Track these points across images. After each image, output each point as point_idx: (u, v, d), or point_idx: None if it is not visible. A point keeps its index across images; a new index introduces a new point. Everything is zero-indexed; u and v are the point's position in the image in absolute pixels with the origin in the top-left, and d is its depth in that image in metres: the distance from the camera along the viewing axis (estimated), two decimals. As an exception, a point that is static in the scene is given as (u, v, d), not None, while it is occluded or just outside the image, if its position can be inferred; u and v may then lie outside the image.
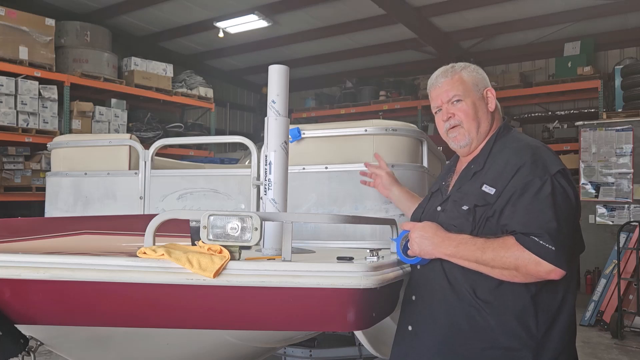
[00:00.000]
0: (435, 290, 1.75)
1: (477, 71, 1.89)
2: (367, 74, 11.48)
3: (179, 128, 9.43)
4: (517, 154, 1.71)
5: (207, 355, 1.97)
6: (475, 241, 1.63)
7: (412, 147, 2.51)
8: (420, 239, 1.72)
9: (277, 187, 1.86)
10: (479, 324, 1.66)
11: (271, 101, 1.88)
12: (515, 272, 1.57)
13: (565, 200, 1.61)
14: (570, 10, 8.34)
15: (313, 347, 3.12)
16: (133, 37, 9.88)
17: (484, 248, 1.60)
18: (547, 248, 1.53)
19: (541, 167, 1.65)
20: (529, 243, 1.55)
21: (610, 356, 5.01)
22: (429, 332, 1.76)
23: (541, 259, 1.53)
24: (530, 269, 1.55)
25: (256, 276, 1.42)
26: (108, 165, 3.00)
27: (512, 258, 1.56)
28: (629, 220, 6.48)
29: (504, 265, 1.58)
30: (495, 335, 1.64)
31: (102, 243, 1.91)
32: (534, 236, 1.55)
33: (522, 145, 1.75)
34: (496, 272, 1.61)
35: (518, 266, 1.56)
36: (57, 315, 1.52)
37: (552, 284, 1.62)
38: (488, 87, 1.88)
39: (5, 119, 6.51)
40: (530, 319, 1.63)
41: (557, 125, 8.90)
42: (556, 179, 1.63)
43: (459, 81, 1.85)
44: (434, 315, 1.75)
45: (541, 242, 1.54)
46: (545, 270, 1.54)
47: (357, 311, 1.45)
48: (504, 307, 1.64)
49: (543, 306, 1.65)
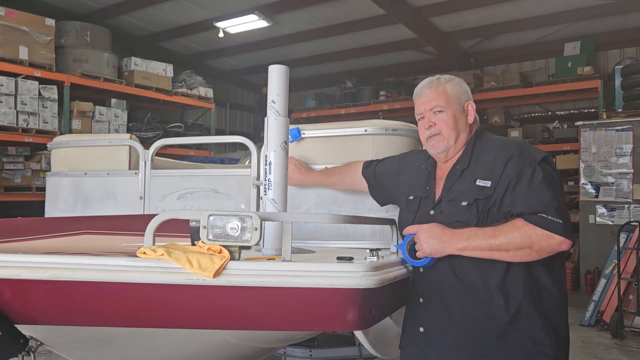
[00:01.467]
0: (445, 289, 1.83)
1: (460, 85, 2.01)
2: (367, 74, 11.47)
3: (179, 128, 9.43)
4: (503, 148, 1.87)
5: (207, 355, 1.97)
6: (484, 230, 1.74)
7: (412, 147, 2.51)
8: (429, 239, 1.78)
9: (277, 187, 1.86)
10: (493, 312, 1.77)
11: (271, 101, 1.88)
12: (529, 250, 1.70)
13: (554, 182, 1.78)
14: (570, 10, 8.34)
15: (313, 347, 3.12)
16: (133, 37, 9.88)
17: (494, 234, 1.72)
18: (556, 222, 1.68)
19: (527, 156, 1.80)
20: (538, 220, 1.69)
21: (610, 356, 5.01)
22: (444, 330, 1.83)
23: (552, 232, 1.67)
24: (543, 244, 1.68)
25: (256, 276, 1.42)
26: (108, 165, 3.00)
27: (526, 237, 1.69)
28: (629, 220, 6.48)
29: (518, 245, 1.69)
30: (509, 319, 1.76)
31: (102, 243, 1.91)
32: (541, 214, 1.69)
33: (505, 141, 1.96)
34: (510, 255, 1.72)
35: (532, 243, 1.69)
36: (57, 315, 1.52)
37: (548, 265, 1.78)
38: (469, 101, 2.00)
39: (5, 119, 6.51)
40: (537, 300, 1.77)
41: (557, 125, 8.90)
42: (542, 165, 1.78)
43: (443, 93, 1.97)
44: (448, 314, 1.82)
45: (549, 217, 1.68)
46: (557, 242, 1.68)
47: (357, 311, 1.46)
48: (514, 291, 1.76)
49: (543, 286, 1.79)
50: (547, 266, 1.79)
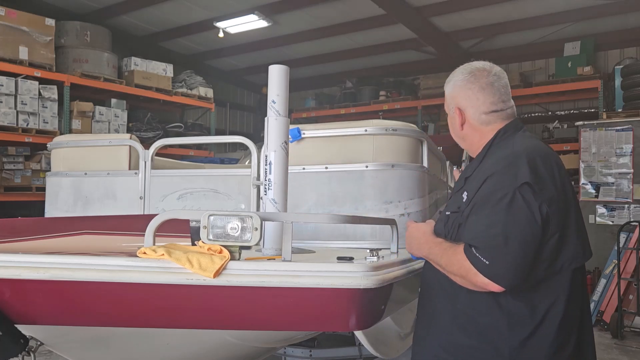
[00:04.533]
0: (428, 285, 1.82)
1: (453, 86, 1.86)
2: (367, 74, 11.48)
3: (179, 128, 9.43)
4: (494, 162, 1.68)
5: (207, 355, 1.97)
6: (442, 246, 1.67)
7: (412, 147, 2.51)
8: (409, 238, 1.83)
9: (277, 187, 1.86)
10: (457, 325, 1.67)
11: (271, 101, 1.88)
12: (463, 280, 1.59)
13: (523, 213, 1.54)
14: (570, 10, 8.34)
15: (313, 347, 3.12)
16: (133, 37, 9.88)
17: (443, 253, 1.65)
18: (482, 261, 1.52)
19: (509, 177, 1.59)
20: (469, 254, 1.55)
21: (610, 356, 5.00)
22: (421, 327, 1.82)
23: (477, 270, 1.53)
24: (471, 278, 1.55)
25: (256, 276, 1.42)
26: (108, 165, 3.00)
27: (458, 266, 1.58)
28: (629, 220, 6.48)
29: (455, 272, 1.61)
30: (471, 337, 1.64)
31: (102, 243, 1.91)
32: (474, 248, 1.54)
33: (505, 154, 1.68)
34: (452, 277, 1.63)
35: (462, 275, 1.58)
36: (57, 315, 1.52)
37: (522, 294, 1.58)
38: (457, 105, 1.84)
39: (5, 119, 6.50)
40: (500, 337, 1.60)
41: (557, 125, 8.90)
42: (520, 191, 1.56)
43: (446, 95, 1.91)
44: (432, 305, 1.79)
45: (477, 254, 1.53)
46: (482, 282, 1.53)
47: (357, 311, 1.46)
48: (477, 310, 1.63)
49: (516, 318, 1.60)
50: (523, 295, 1.59)
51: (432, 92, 9.82)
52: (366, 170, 2.43)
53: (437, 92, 9.53)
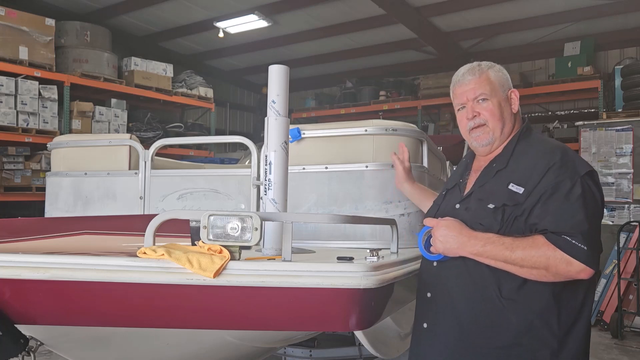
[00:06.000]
0: (455, 287, 1.75)
1: (502, 71, 1.89)
2: (367, 74, 11.48)
3: (179, 128, 9.43)
4: (546, 154, 1.71)
5: (207, 355, 1.97)
6: (503, 240, 1.63)
7: (412, 147, 2.51)
8: (445, 237, 1.70)
9: (277, 187, 1.86)
10: (501, 322, 1.67)
11: (271, 101, 1.88)
12: (545, 272, 1.58)
13: (593, 202, 1.64)
14: (570, 10, 8.34)
15: (313, 347, 3.12)
16: (133, 37, 9.88)
17: (512, 247, 1.60)
18: (580, 248, 1.55)
19: (571, 168, 1.65)
20: (561, 242, 1.56)
21: (610, 356, 5.01)
22: (447, 329, 1.76)
23: (573, 258, 1.55)
24: (560, 268, 1.56)
25: (256, 276, 1.42)
26: (108, 165, 3.00)
27: (543, 257, 1.57)
28: (629, 220, 6.48)
29: (534, 265, 1.58)
30: (516, 333, 1.65)
31: (102, 243, 1.91)
32: (566, 236, 1.56)
33: (550, 147, 1.76)
34: (524, 272, 1.61)
35: (548, 265, 1.57)
36: (57, 315, 1.52)
37: (575, 283, 1.64)
38: (512, 89, 1.88)
39: (5, 119, 6.50)
40: (552, 319, 1.65)
41: (557, 125, 8.89)
42: (585, 180, 1.64)
43: (486, 80, 1.84)
44: (454, 313, 1.74)
45: (574, 241, 1.55)
46: (575, 269, 1.56)
47: (357, 311, 1.45)
48: (528, 305, 1.65)
49: (566, 305, 1.66)
50: (572, 289, 1.66)
51: (432, 92, 9.81)
52: (366, 170, 2.43)
53: (437, 92, 9.53)
